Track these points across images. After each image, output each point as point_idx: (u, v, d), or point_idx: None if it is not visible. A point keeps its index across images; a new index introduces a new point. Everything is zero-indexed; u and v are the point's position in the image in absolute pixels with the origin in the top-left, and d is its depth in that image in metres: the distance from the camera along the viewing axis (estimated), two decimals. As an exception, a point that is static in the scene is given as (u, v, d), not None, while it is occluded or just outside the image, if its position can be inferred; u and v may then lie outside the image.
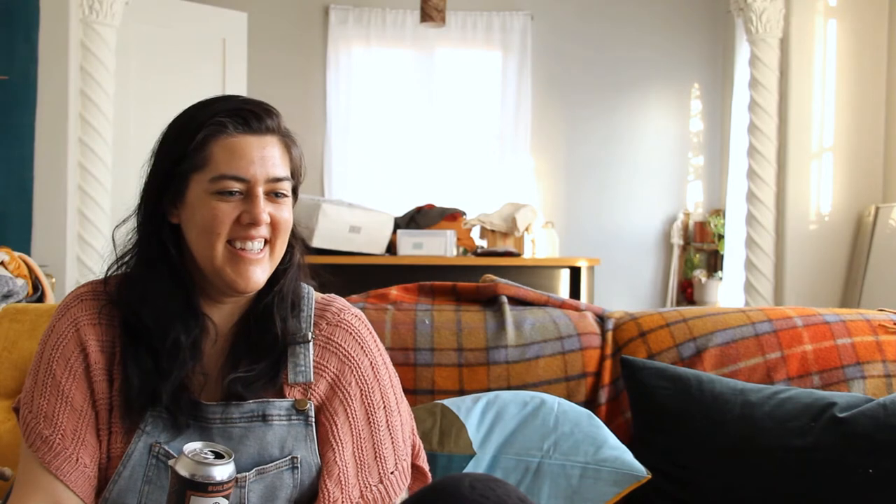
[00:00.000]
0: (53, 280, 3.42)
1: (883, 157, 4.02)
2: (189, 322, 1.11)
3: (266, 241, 1.12)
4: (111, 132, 3.83)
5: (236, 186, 1.09)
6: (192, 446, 0.97)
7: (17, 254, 2.81)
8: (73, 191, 3.73)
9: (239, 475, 1.06)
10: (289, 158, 1.15)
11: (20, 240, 3.62)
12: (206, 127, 1.09)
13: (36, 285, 2.83)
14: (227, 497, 0.96)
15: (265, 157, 1.10)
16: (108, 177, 3.81)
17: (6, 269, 2.71)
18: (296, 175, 1.16)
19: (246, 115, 1.11)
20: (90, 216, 3.76)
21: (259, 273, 1.11)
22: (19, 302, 2.63)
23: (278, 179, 1.11)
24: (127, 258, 1.15)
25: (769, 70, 3.98)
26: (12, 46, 3.66)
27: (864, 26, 4.00)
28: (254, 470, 1.09)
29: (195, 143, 1.09)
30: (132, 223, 1.15)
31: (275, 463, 1.11)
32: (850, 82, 3.99)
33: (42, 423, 1.08)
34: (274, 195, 1.12)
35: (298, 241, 1.20)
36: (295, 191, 1.17)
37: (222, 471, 0.95)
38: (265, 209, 1.10)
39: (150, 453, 1.08)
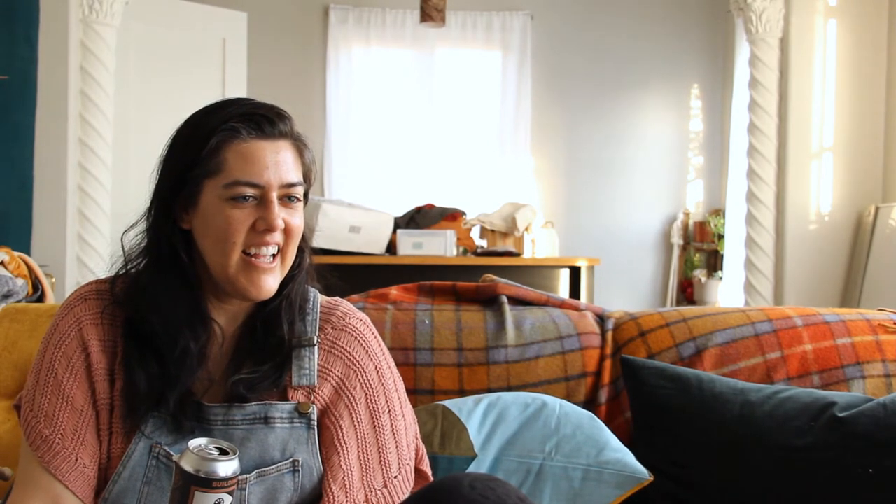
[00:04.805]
0: (53, 280, 3.42)
1: (883, 157, 4.02)
2: (197, 328, 1.11)
3: (278, 248, 1.11)
4: (111, 132, 3.83)
5: (250, 192, 1.08)
6: (197, 442, 0.97)
7: (17, 254, 2.82)
8: (73, 191, 3.74)
9: (240, 477, 1.06)
10: (301, 163, 1.14)
11: (20, 240, 3.62)
12: (218, 132, 1.08)
13: (36, 285, 2.83)
14: (230, 493, 0.96)
15: (279, 163, 1.10)
16: (108, 177, 3.81)
17: (6, 269, 2.71)
18: (308, 179, 1.16)
19: (259, 119, 1.10)
20: (90, 216, 3.76)
21: (271, 281, 1.11)
22: (19, 302, 2.63)
23: (292, 185, 1.11)
24: (135, 261, 1.14)
25: (769, 70, 3.98)
26: (12, 46, 3.66)
27: (864, 26, 4.00)
28: (254, 472, 1.09)
29: (208, 148, 1.07)
30: (140, 225, 1.14)
31: (276, 466, 1.10)
32: (850, 82, 3.99)
33: (42, 422, 1.08)
34: (287, 199, 1.11)
35: (308, 246, 1.19)
36: (306, 195, 1.16)
37: (227, 467, 0.95)
38: (279, 215, 1.09)
39: (150, 454, 1.08)
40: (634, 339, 1.62)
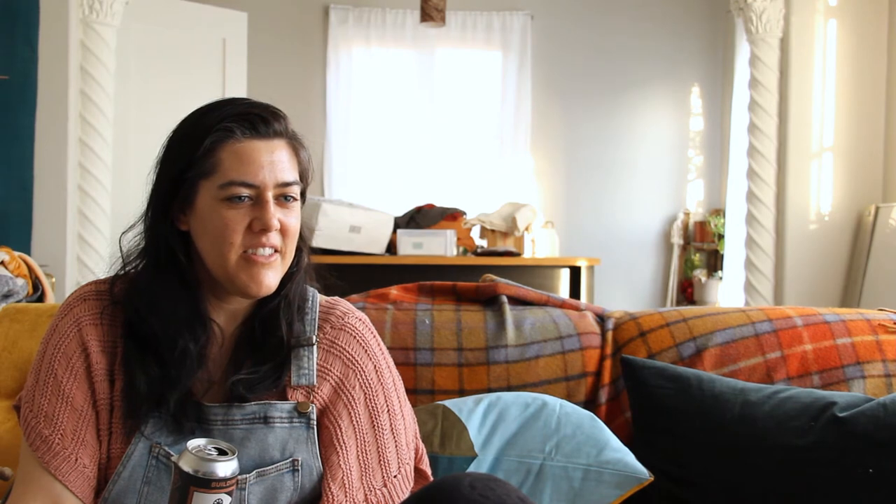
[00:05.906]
0: (53, 280, 3.42)
1: (883, 157, 4.02)
2: (197, 329, 1.11)
3: (276, 248, 1.11)
4: (111, 132, 3.83)
5: (245, 192, 1.08)
6: (196, 442, 0.97)
7: (17, 254, 2.82)
8: (73, 191, 3.73)
9: (239, 477, 1.06)
10: (297, 162, 1.14)
11: (20, 240, 3.62)
12: (213, 132, 1.08)
13: (36, 285, 2.83)
14: (229, 494, 0.96)
15: (274, 162, 1.09)
16: (108, 177, 3.81)
17: (6, 268, 2.71)
18: (304, 178, 1.15)
19: (253, 119, 1.10)
20: (90, 216, 3.76)
21: (272, 277, 1.11)
22: (19, 302, 2.63)
23: (287, 184, 1.11)
24: (133, 262, 1.14)
25: (769, 70, 3.98)
26: (12, 46, 3.66)
27: (864, 26, 4.00)
28: (254, 472, 1.09)
29: (203, 149, 1.07)
30: (138, 226, 1.14)
31: (275, 465, 1.10)
32: (850, 82, 3.99)
33: (42, 422, 1.08)
34: (283, 199, 1.11)
35: (306, 245, 1.19)
36: (303, 194, 1.16)
37: (226, 467, 0.95)
38: (275, 214, 1.09)
39: (150, 454, 1.08)
40: (634, 339, 1.62)
